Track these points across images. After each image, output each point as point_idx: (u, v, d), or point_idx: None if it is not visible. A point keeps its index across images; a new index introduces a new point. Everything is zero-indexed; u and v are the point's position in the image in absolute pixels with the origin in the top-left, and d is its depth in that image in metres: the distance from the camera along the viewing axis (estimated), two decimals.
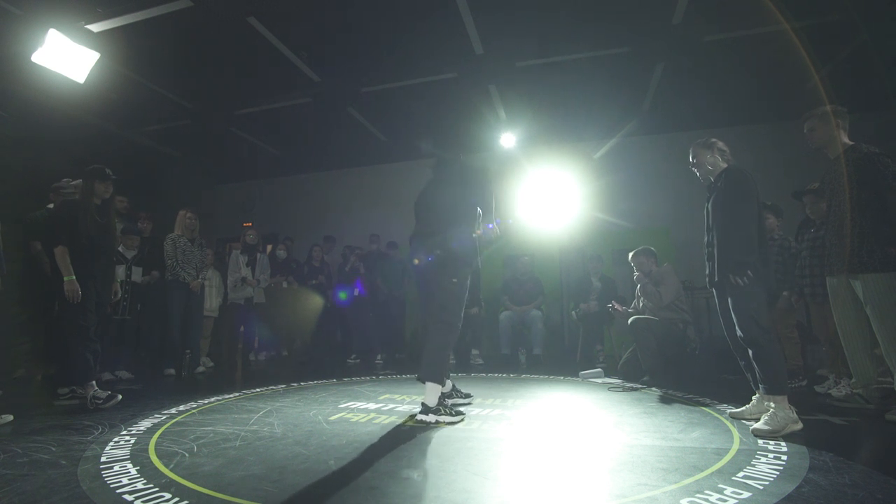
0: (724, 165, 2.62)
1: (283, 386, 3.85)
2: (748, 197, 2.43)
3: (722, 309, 2.57)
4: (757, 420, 2.31)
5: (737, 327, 2.42)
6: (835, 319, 2.79)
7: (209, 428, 2.40)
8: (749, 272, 2.32)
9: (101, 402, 2.94)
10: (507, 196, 6.80)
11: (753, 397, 2.51)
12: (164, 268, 4.67)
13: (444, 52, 4.95)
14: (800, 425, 2.19)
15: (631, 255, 4.32)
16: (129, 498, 1.50)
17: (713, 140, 2.66)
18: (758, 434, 2.16)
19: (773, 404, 2.24)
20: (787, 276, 3.67)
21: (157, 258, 4.76)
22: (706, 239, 2.63)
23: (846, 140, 2.65)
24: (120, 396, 3.03)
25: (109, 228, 3.31)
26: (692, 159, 2.70)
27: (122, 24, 4.19)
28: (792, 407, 2.22)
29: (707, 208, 2.63)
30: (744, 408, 2.53)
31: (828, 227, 2.78)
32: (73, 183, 3.62)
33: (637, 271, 4.26)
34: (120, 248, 4.35)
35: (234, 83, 5.62)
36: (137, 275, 4.63)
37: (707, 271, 2.62)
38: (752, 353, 2.36)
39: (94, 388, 2.98)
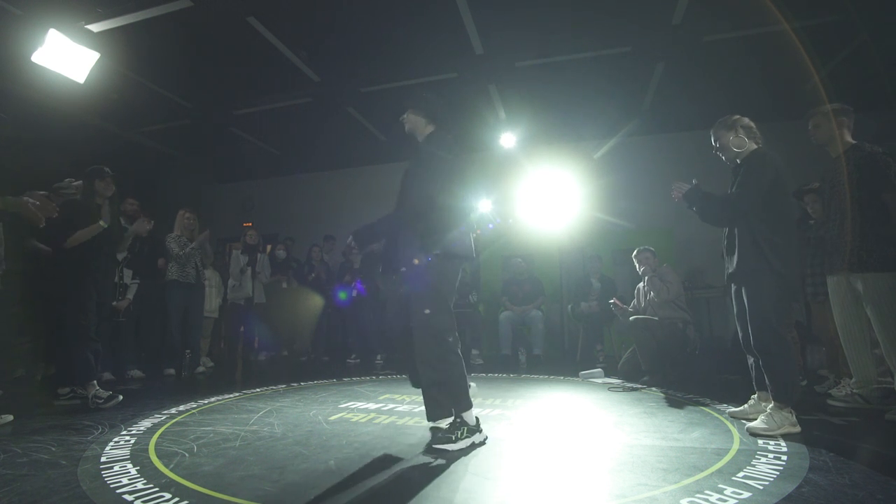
0: (753, 146, 2.37)
1: (283, 386, 3.85)
2: (758, 183, 2.23)
3: (737, 304, 2.40)
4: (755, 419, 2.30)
5: (749, 331, 2.26)
6: (835, 319, 2.79)
7: (209, 428, 2.40)
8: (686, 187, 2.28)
9: (101, 401, 2.94)
10: (507, 196, 6.82)
11: (753, 396, 2.49)
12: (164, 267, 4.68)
13: (444, 52, 4.95)
14: (798, 428, 2.15)
15: (635, 252, 4.35)
16: (129, 498, 1.49)
17: (736, 118, 2.42)
18: (752, 432, 2.15)
19: (771, 405, 2.22)
20: None
21: (156, 258, 4.76)
22: (725, 230, 2.42)
23: (849, 139, 2.65)
24: (121, 397, 3.03)
25: (112, 228, 3.32)
26: (714, 143, 2.48)
27: (122, 24, 4.19)
28: (792, 411, 2.19)
29: None
30: (742, 407, 2.52)
31: (828, 226, 2.78)
32: (75, 184, 3.63)
33: (642, 265, 4.27)
34: None
35: (234, 83, 5.62)
36: (128, 277, 4.61)
37: (726, 266, 2.43)
38: (762, 362, 2.23)
39: (95, 388, 2.99)
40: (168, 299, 4.61)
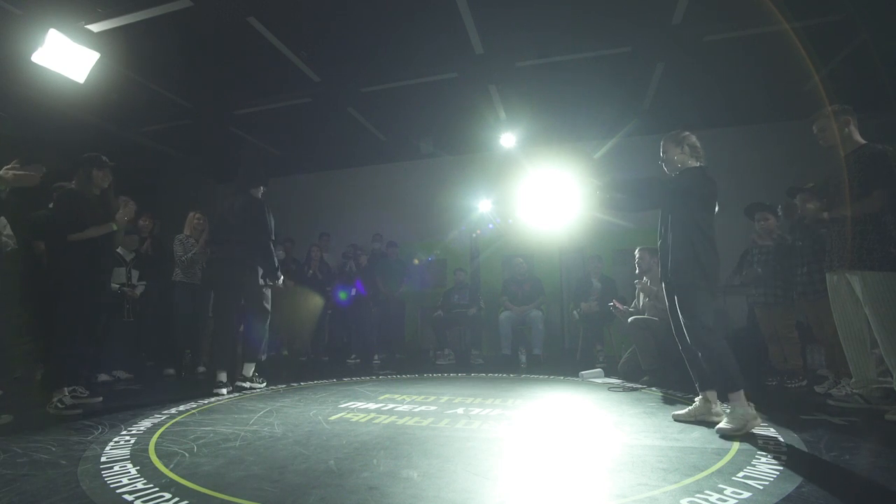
0: (694, 164, 2.51)
1: (283, 386, 3.85)
2: (693, 199, 2.39)
3: (670, 307, 2.53)
4: (705, 422, 2.36)
5: (683, 329, 2.41)
6: (834, 318, 2.79)
7: (209, 428, 2.40)
8: (690, 274, 2.31)
9: (63, 408, 2.78)
10: (507, 196, 6.82)
11: (697, 398, 2.50)
12: (167, 268, 4.68)
13: (444, 52, 4.95)
14: (759, 420, 2.18)
15: (638, 249, 4.34)
16: (129, 498, 1.49)
17: (685, 134, 2.55)
18: (722, 433, 2.16)
19: (727, 405, 2.23)
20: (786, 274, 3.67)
21: (157, 258, 4.75)
22: (659, 236, 2.57)
23: (858, 139, 2.66)
24: (80, 410, 2.82)
25: (109, 220, 3.15)
26: (661, 153, 2.60)
27: (122, 24, 4.18)
28: (751, 403, 2.21)
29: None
30: (686, 409, 2.52)
31: (830, 225, 2.77)
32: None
33: (639, 267, 4.27)
34: (119, 250, 4.33)
35: (234, 83, 5.62)
36: (135, 277, 4.62)
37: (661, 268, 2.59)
38: (702, 356, 2.34)
39: (63, 393, 2.85)
40: (175, 299, 4.61)
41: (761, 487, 1.51)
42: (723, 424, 2.19)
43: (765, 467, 1.70)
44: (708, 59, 4.94)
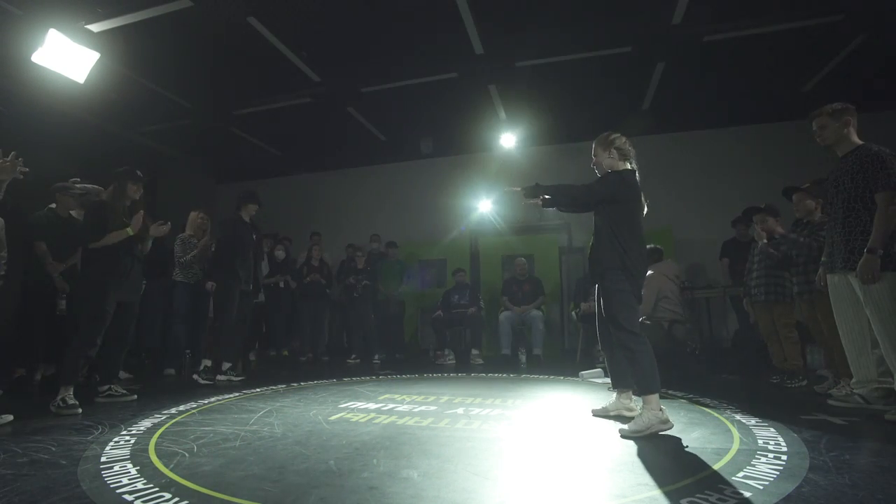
0: (623, 166, 2.49)
1: (283, 386, 3.85)
2: (614, 203, 2.40)
3: (598, 307, 2.56)
4: (620, 417, 2.46)
5: (606, 328, 2.47)
6: (835, 318, 2.79)
7: (209, 428, 2.40)
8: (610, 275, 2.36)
9: (64, 406, 2.78)
10: (507, 196, 6.82)
11: (613, 394, 2.61)
12: (167, 268, 4.68)
13: (444, 52, 4.95)
14: (669, 425, 2.17)
15: None
16: (129, 498, 1.49)
17: (614, 136, 2.53)
18: (623, 434, 2.18)
19: (638, 405, 2.26)
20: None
21: (157, 258, 4.75)
22: (591, 241, 2.59)
23: (856, 139, 2.65)
24: (80, 410, 2.79)
25: (140, 231, 3.28)
26: (593, 156, 2.58)
27: (122, 24, 4.18)
28: (663, 408, 2.21)
29: None
30: (605, 405, 2.62)
31: (830, 225, 2.77)
32: (91, 187, 3.62)
33: None
34: None
35: (234, 83, 5.62)
36: None
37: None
38: (624, 356, 2.36)
39: (69, 392, 2.85)
40: (175, 299, 4.61)
41: (761, 487, 1.51)
42: (626, 426, 2.22)
43: (765, 467, 1.70)
44: (708, 59, 4.94)
